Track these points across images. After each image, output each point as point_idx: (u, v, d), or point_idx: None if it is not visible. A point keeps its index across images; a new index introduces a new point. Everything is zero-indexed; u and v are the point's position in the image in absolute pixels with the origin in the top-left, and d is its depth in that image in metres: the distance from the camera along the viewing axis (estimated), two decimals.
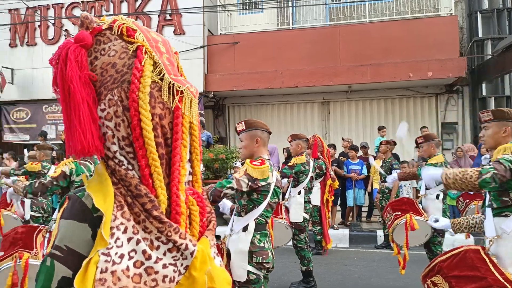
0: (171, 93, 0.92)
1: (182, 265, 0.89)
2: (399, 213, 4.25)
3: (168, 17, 11.34)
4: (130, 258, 0.84)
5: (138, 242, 0.85)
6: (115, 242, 0.84)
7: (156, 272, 0.85)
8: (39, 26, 12.12)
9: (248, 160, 2.79)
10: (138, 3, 11.51)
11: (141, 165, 0.88)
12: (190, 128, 0.97)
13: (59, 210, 0.98)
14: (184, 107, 0.93)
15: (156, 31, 11.22)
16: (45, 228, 3.33)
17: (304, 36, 10.84)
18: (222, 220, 7.29)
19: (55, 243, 0.88)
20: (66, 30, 11.96)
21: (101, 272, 0.81)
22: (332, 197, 6.44)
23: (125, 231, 0.85)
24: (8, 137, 12.45)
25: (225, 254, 2.78)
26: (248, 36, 11.24)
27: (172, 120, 0.92)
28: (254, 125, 2.95)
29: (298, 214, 5.17)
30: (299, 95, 11.69)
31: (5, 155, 9.86)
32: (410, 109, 11.31)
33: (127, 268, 0.83)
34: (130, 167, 0.90)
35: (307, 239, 5.23)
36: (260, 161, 2.78)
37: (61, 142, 9.18)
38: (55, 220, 3.45)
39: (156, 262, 0.86)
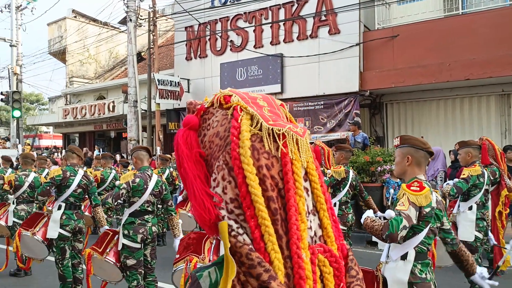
0: (273, 139, 0.84)
1: None
2: None
3: (323, 18, 11.32)
4: None
5: None
6: None
7: None
8: (209, 39, 13.54)
9: (404, 186, 2.54)
10: (294, 8, 11.79)
11: (250, 226, 0.80)
12: (307, 174, 0.86)
13: None
14: (290, 151, 0.84)
15: (311, 33, 11.36)
16: (212, 236, 3.66)
17: (478, 21, 9.48)
18: None
19: None
20: (231, 41, 13.06)
21: None
22: (507, 210, 5.46)
23: None
24: None
25: (381, 282, 2.60)
26: (409, 28, 10.40)
27: (282, 169, 0.83)
28: (408, 141, 2.68)
29: (468, 232, 4.53)
30: (471, 87, 10.29)
31: None
32: None
33: None
34: (241, 231, 0.81)
35: (479, 260, 4.55)
36: (417, 184, 2.51)
37: None
38: None
39: None
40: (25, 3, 18.72)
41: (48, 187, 4.60)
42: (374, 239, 7.31)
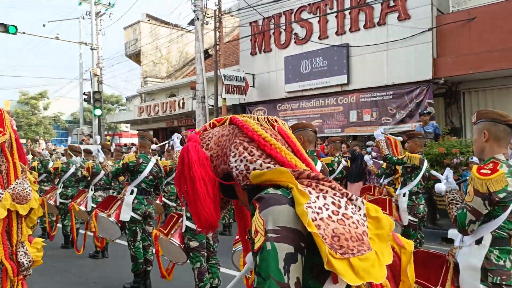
0: (268, 123, 1.23)
1: (361, 215, 1.04)
2: None
3: (391, 4, 10.81)
4: (327, 209, 1.00)
5: (324, 197, 1.03)
6: (309, 199, 1.01)
7: (351, 217, 1.01)
8: (273, 33, 13.56)
9: (474, 169, 2.31)
10: None
11: (284, 161, 1.11)
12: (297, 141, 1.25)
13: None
14: (284, 127, 1.24)
15: (379, 20, 10.90)
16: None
17: None
18: None
19: (268, 229, 0.96)
20: (295, 33, 12.96)
21: (313, 220, 0.96)
22: None
23: (310, 193, 1.02)
24: None
25: (452, 268, 2.40)
26: (488, 9, 9.58)
27: (283, 137, 1.21)
28: (484, 115, 2.43)
29: None
30: None
31: None
32: None
33: (329, 216, 0.99)
34: (278, 166, 1.11)
35: None
36: (491, 166, 2.27)
37: None
38: None
39: (345, 209, 1.02)
40: (104, 10, 20.14)
41: (120, 173, 4.90)
42: (450, 235, 6.85)
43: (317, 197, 1.02)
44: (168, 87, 20.39)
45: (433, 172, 3.28)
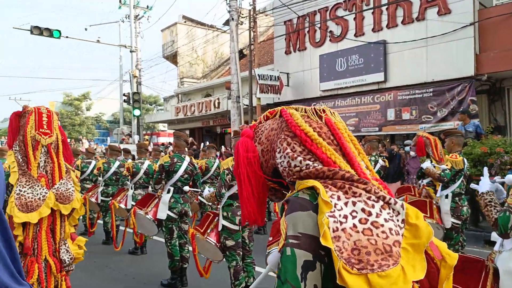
0: (316, 115, 1.18)
1: (398, 220, 0.98)
2: None
3: None
4: (354, 217, 0.96)
5: (354, 203, 0.98)
6: (335, 207, 0.97)
7: (382, 225, 0.95)
8: (308, 31, 13.45)
9: None
10: None
11: (323, 158, 1.07)
12: (348, 136, 1.17)
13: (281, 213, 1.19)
14: (332, 118, 1.17)
15: (418, 16, 10.58)
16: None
17: None
18: None
19: (289, 234, 0.98)
20: (330, 31, 12.81)
21: (334, 231, 0.93)
22: None
23: (339, 199, 0.99)
24: None
25: (491, 273, 2.31)
26: None
27: (330, 129, 1.15)
28: None
29: None
30: None
31: None
32: None
33: (354, 225, 0.95)
34: (316, 164, 1.08)
35: None
36: None
37: None
38: None
39: (377, 216, 0.97)
40: (142, 13, 20.69)
41: (159, 176, 5.03)
42: (493, 238, 6.54)
43: (346, 203, 0.99)
44: (203, 87, 20.69)
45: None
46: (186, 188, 5.06)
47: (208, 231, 4.23)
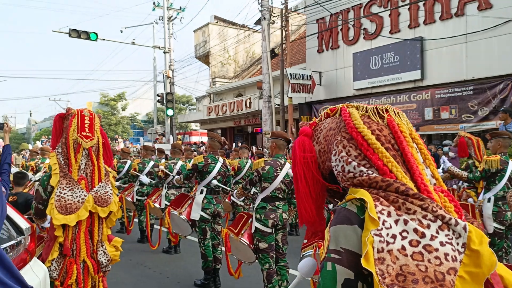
0: (378, 115, 1.08)
1: (458, 244, 0.87)
2: None
3: None
4: (403, 238, 0.87)
5: (406, 222, 0.88)
6: (383, 224, 0.88)
7: (436, 250, 0.85)
8: (341, 29, 13.23)
9: None
10: None
11: (379, 165, 0.99)
12: (413, 139, 1.07)
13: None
14: (396, 118, 1.07)
15: (457, 11, 10.21)
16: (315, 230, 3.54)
17: None
18: None
19: (330, 248, 0.93)
20: (364, 29, 12.54)
21: (378, 252, 0.85)
22: None
23: (389, 215, 0.90)
24: None
25: None
26: None
27: (391, 131, 1.05)
28: None
29: None
30: None
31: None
32: None
33: (403, 247, 0.85)
34: (370, 172, 1.00)
35: None
36: None
37: None
38: None
39: (432, 239, 0.86)
40: (175, 14, 21.01)
41: (190, 174, 5.06)
42: None
43: (396, 221, 0.89)
44: (235, 87, 20.79)
45: None
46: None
47: (242, 232, 4.21)
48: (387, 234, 0.87)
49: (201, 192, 5.05)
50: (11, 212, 2.51)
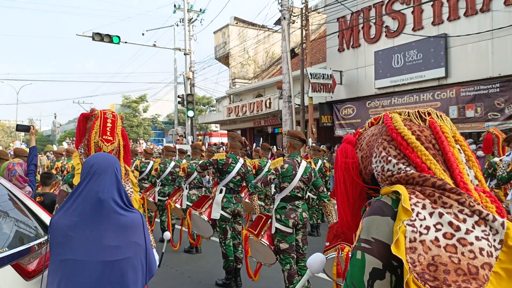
0: (419, 118, 1.09)
1: (495, 240, 0.86)
2: None
3: None
4: (437, 230, 0.86)
5: (441, 215, 0.88)
6: (417, 215, 0.88)
7: (471, 244, 0.85)
8: (362, 27, 13.06)
9: None
10: None
11: (417, 163, 0.99)
12: (456, 141, 1.05)
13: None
14: (438, 120, 1.07)
15: (482, 7, 9.95)
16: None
17: None
18: None
19: (361, 237, 0.94)
20: (386, 26, 12.34)
21: (410, 241, 0.86)
22: None
23: (424, 207, 0.90)
24: (338, 131, 14.15)
25: None
26: None
27: (432, 132, 1.05)
28: None
29: None
30: None
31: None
32: None
33: (436, 239, 0.85)
34: (408, 169, 1.00)
35: None
36: None
37: None
38: None
39: (467, 233, 0.86)
40: (195, 16, 21.19)
41: (208, 164, 5.05)
42: None
43: (431, 214, 0.89)
44: (255, 88, 20.80)
45: None
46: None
47: (262, 233, 4.19)
48: (421, 225, 0.87)
49: (221, 192, 5.06)
50: (38, 210, 2.55)
